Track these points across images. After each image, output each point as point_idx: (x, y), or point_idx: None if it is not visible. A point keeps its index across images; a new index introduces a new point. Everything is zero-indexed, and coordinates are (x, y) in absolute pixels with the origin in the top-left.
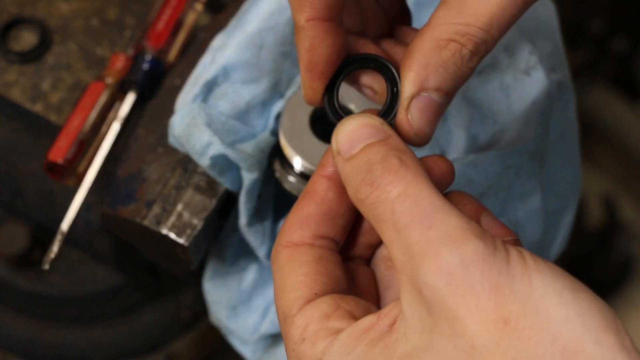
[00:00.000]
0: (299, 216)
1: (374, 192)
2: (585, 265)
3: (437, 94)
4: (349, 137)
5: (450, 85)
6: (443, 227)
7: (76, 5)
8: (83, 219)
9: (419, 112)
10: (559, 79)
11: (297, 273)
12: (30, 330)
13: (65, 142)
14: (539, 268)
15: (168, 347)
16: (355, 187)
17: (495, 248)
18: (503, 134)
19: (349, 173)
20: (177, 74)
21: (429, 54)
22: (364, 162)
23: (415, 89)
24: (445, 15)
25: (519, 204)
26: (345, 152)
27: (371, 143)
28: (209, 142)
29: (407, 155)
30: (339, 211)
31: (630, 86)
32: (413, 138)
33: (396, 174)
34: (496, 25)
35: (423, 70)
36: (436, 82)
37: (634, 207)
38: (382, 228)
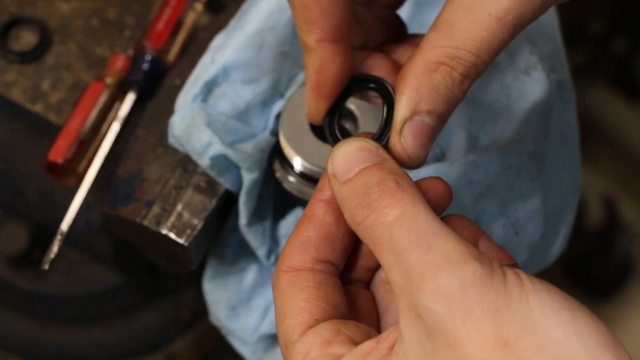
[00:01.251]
0: (299, 241)
1: (371, 215)
2: (585, 266)
3: (429, 117)
4: (345, 160)
5: (442, 108)
6: (441, 249)
7: (76, 5)
8: (83, 219)
9: (412, 136)
10: (559, 79)
11: (298, 299)
12: (30, 330)
13: (65, 142)
14: (536, 289)
15: (168, 347)
16: (352, 210)
17: (492, 270)
18: (503, 134)
19: (345, 196)
20: (177, 74)
21: (420, 78)
22: (361, 185)
23: (408, 112)
24: (436, 39)
25: (519, 204)
26: (341, 176)
27: (367, 166)
28: (209, 142)
29: (403, 178)
30: (338, 235)
31: (630, 86)
32: (407, 161)
33: (393, 197)
34: (485, 49)
35: (415, 93)
36: (429, 106)
37: (634, 207)
38: (380, 251)
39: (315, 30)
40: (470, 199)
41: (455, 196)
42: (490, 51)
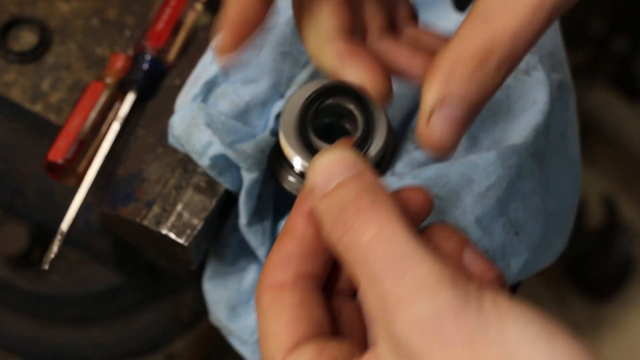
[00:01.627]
0: (280, 256)
1: (346, 234)
2: (585, 266)
3: (460, 106)
4: (323, 173)
5: (474, 97)
6: (416, 275)
7: (76, 5)
8: (83, 219)
9: (440, 124)
10: (559, 79)
11: (280, 319)
12: (30, 330)
13: (65, 142)
14: (513, 314)
15: (168, 347)
16: (328, 227)
17: (467, 297)
18: (503, 134)
19: (323, 212)
20: (177, 74)
21: (453, 66)
22: (337, 201)
23: (438, 99)
24: (470, 29)
25: (519, 204)
26: (320, 190)
27: (344, 180)
28: (209, 142)
29: (379, 194)
30: (319, 248)
31: (630, 86)
32: (435, 149)
33: (368, 216)
34: (521, 39)
35: (447, 81)
36: (461, 92)
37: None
38: (356, 274)
39: None
40: (470, 199)
41: (455, 196)
42: (527, 41)
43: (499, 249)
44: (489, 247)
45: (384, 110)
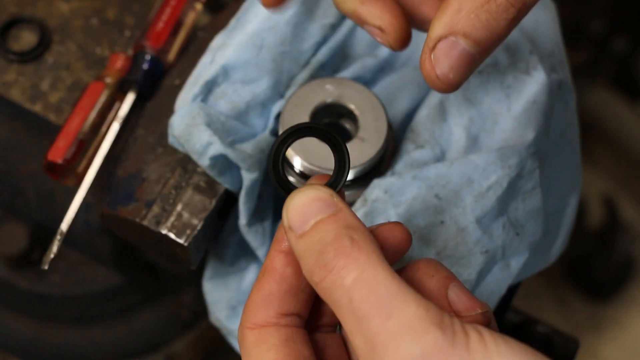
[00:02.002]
0: (261, 296)
1: (327, 276)
2: (585, 266)
3: (465, 41)
4: (299, 212)
5: (481, 34)
6: (402, 316)
7: (76, 5)
8: (83, 219)
9: (443, 55)
10: (559, 79)
11: (266, 359)
12: (30, 330)
13: (65, 142)
14: (500, 350)
15: (168, 347)
16: (309, 268)
17: (454, 335)
18: (503, 134)
19: (302, 252)
20: (176, 74)
21: (462, 2)
22: (316, 241)
23: (443, 31)
24: None
25: (519, 204)
26: (297, 229)
27: (322, 219)
28: (209, 142)
29: (358, 233)
30: (299, 286)
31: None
32: (435, 81)
33: (349, 257)
34: None
35: (454, 14)
36: (465, 28)
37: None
38: (341, 315)
39: None
40: (470, 199)
41: (456, 196)
42: None
43: (499, 248)
44: (489, 247)
45: (384, 111)
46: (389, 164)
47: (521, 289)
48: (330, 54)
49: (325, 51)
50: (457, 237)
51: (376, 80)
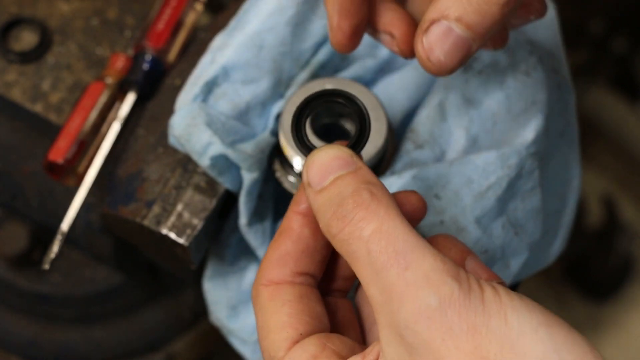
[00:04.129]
0: (277, 254)
1: (346, 227)
2: (585, 266)
3: (458, 25)
4: (320, 169)
5: (472, 18)
6: (419, 268)
7: (76, 5)
8: (83, 219)
9: (435, 38)
10: (559, 79)
11: (281, 313)
12: (31, 330)
13: (65, 142)
14: (514, 305)
15: (168, 347)
16: (327, 221)
17: (470, 288)
18: (503, 134)
19: (320, 206)
20: (177, 74)
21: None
22: (335, 194)
23: (436, 15)
24: None
25: (518, 204)
26: (316, 185)
27: (342, 175)
28: (209, 142)
29: (378, 188)
30: (316, 247)
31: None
32: (427, 64)
33: (368, 209)
34: None
35: (447, 2)
36: (457, 12)
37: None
38: (357, 266)
39: None
40: (470, 199)
41: (455, 196)
42: None
43: (499, 248)
44: (488, 247)
45: (383, 111)
46: (389, 163)
47: (520, 288)
48: (330, 54)
49: (325, 51)
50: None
51: (376, 80)
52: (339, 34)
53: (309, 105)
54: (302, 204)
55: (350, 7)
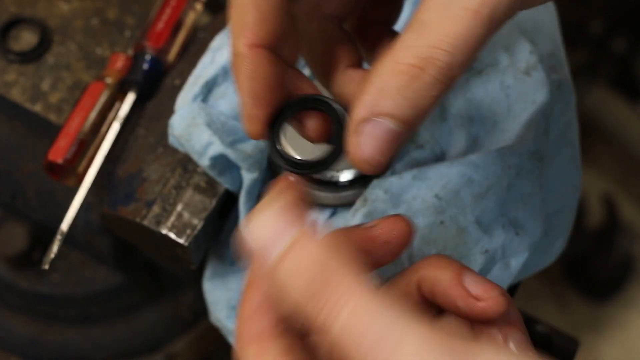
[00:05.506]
0: (250, 308)
1: (319, 313)
2: (585, 266)
3: (391, 121)
4: (266, 237)
5: (406, 113)
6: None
7: (76, 5)
8: (83, 219)
9: (369, 138)
10: (559, 79)
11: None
12: (30, 331)
13: (65, 142)
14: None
15: (168, 347)
16: (295, 303)
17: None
18: (503, 134)
19: (281, 285)
20: (177, 74)
21: (386, 78)
22: (294, 269)
23: (367, 113)
24: (408, 38)
25: (519, 204)
26: (269, 258)
27: (295, 241)
28: (209, 142)
29: (342, 252)
30: None
31: (630, 86)
32: (362, 165)
33: (337, 288)
34: (461, 46)
35: (377, 94)
36: (389, 108)
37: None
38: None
39: (246, 34)
40: (470, 199)
41: (455, 196)
42: (467, 49)
43: (499, 248)
44: (488, 247)
45: None
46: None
47: (521, 288)
48: None
49: None
50: (456, 237)
51: None
52: (255, 124)
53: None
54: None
55: (266, 96)
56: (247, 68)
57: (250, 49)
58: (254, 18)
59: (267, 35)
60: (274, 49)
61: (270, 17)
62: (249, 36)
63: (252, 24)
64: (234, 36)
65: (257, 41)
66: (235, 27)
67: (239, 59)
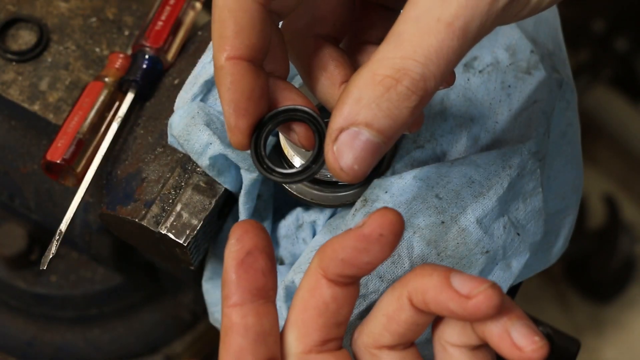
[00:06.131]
0: (232, 353)
1: None
2: (586, 266)
3: (368, 131)
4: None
5: (383, 123)
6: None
7: (75, 4)
8: (82, 219)
9: (346, 147)
10: (560, 79)
11: None
12: (29, 331)
13: (64, 141)
14: None
15: (167, 348)
16: None
17: None
18: (504, 134)
19: None
20: (176, 73)
21: (362, 89)
22: None
23: (344, 122)
24: (384, 50)
25: (520, 204)
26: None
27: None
28: (208, 142)
29: None
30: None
31: (631, 86)
32: (339, 174)
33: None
34: (435, 58)
35: (355, 104)
36: (367, 118)
37: (636, 207)
38: None
39: (226, 47)
40: (471, 199)
41: (456, 196)
42: (440, 61)
43: (500, 249)
44: (489, 248)
45: None
46: (389, 163)
47: (522, 289)
48: None
49: None
50: (457, 238)
51: None
52: (237, 135)
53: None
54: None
55: (248, 106)
56: (226, 80)
57: (230, 61)
58: (232, 31)
59: (246, 48)
60: (256, 61)
61: (248, 30)
62: (228, 49)
63: (231, 37)
64: (215, 49)
65: (236, 53)
66: (215, 40)
67: (219, 72)
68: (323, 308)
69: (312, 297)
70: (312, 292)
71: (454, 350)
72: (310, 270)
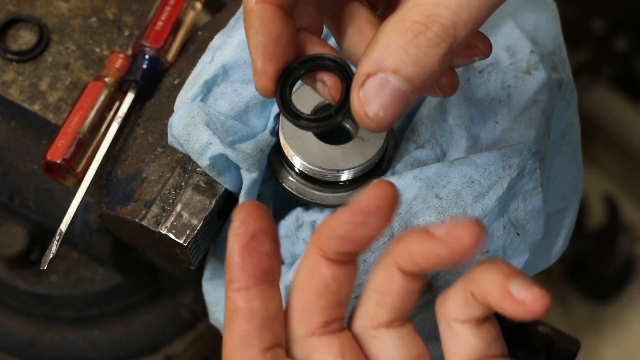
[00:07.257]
0: (237, 338)
1: None
2: (586, 266)
3: (395, 78)
4: None
5: (411, 70)
6: None
7: (75, 4)
8: (82, 219)
9: (373, 93)
10: (560, 79)
11: None
12: (29, 331)
13: (64, 141)
14: None
15: (167, 348)
16: None
17: None
18: (504, 134)
19: None
20: (176, 74)
21: (391, 35)
22: None
23: (372, 67)
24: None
25: (520, 204)
26: None
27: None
28: (208, 142)
29: None
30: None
31: (631, 86)
32: (365, 120)
33: None
34: (466, 6)
35: (383, 50)
36: (394, 64)
37: (636, 207)
38: None
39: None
40: (471, 199)
41: (456, 196)
42: (472, 9)
43: (500, 249)
44: (489, 248)
45: None
46: (389, 163)
47: None
48: None
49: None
50: None
51: None
52: (263, 79)
53: (296, 70)
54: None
55: (275, 50)
56: (255, 22)
57: (259, 4)
58: None
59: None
60: (286, 7)
61: None
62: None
63: None
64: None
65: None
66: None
67: (249, 15)
68: (324, 289)
69: (312, 279)
70: (311, 273)
71: (459, 326)
72: (308, 252)
